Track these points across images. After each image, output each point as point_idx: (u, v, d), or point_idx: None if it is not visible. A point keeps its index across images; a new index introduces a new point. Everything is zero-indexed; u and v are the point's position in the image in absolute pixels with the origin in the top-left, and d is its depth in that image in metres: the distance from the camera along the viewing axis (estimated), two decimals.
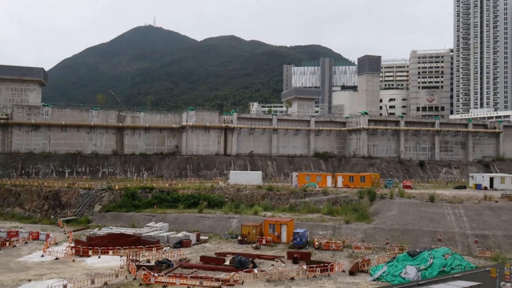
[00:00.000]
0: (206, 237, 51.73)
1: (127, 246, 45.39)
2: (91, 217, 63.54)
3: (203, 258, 41.11)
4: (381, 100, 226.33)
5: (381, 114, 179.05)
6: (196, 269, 37.71)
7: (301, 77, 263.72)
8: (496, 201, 55.45)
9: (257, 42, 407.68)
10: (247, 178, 75.85)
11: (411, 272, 33.83)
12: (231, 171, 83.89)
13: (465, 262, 35.81)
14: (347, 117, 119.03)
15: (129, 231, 52.56)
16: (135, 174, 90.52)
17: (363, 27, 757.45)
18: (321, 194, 65.42)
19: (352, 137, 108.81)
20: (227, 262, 39.65)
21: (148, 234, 50.85)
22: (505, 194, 58.81)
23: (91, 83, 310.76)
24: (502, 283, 26.22)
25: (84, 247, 44.70)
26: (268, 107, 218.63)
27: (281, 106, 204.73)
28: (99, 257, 43.28)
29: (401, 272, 34.36)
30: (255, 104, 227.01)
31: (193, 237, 49.76)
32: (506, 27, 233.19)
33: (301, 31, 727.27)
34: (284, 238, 48.68)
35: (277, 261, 40.99)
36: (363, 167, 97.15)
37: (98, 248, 44.58)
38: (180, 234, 50.32)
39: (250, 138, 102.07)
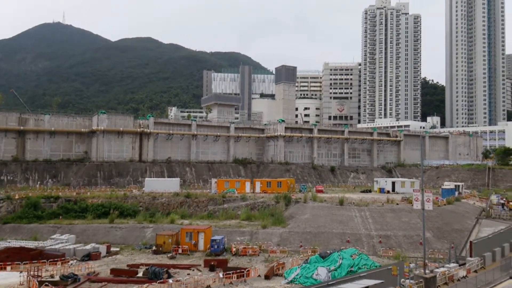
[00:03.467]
0: (118, 249, 48.96)
1: (28, 260, 41.32)
2: None
3: (113, 271, 38.80)
4: (296, 109, 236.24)
5: (296, 122, 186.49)
6: (106, 283, 35.48)
7: (221, 83, 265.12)
8: (397, 204, 60.53)
9: (176, 46, 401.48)
10: (163, 186, 73.47)
11: (322, 273, 35.33)
12: (146, 179, 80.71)
13: (370, 261, 38.38)
14: (265, 124, 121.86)
15: (31, 244, 47.91)
16: (38, 182, 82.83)
17: (283, 38, 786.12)
18: (240, 200, 65.81)
19: (270, 143, 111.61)
20: (140, 274, 37.89)
21: (52, 247, 46.78)
22: (405, 197, 64.44)
23: None
24: (402, 279, 28.54)
25: None
26: (187, 112, 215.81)
27: (201, 112, 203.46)
28: None
29: (313, 273, 35.71)
30: (174, 108, 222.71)
31: (103, 249, 46.78)
32: (407, 44, 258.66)
33: (221, 38, 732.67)
34: (201, 246, 47.93)
35: (193, 270, 40.19)
36: (280, 173, 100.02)
37: None
38: (88, 246, 47.01)
39: (167, 144, 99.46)
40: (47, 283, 32.92)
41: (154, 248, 47.82)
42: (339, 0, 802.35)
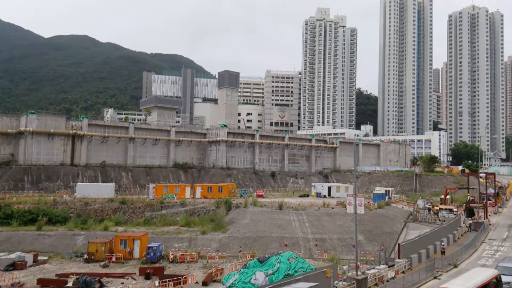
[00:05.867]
0: (46, 257, 45.92)
1: None
2: None
3: (40, 281, 36.37)
4: (239, 114, 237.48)
5: (239, 127, 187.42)
6: None
7: (162, 85, 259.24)
8: (333, 208, 62.84)
9: (114, 45, 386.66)
10: (97, 191, 70.13)
11: (260, 277, 35.56)
12: (78, 183, 76.51)
13: (307, 264, 39.30)
14: (207, 129, 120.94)
15: None
16: None
17: (228, 44, 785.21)
18: (179, 205, 64.66)
19: (212, 148, 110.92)
20: (70, 284, 35.82)
21: None
22: (340, 202, 67.14)
23: None
24: (336, 281, 29.54)
25: None
26: (125, 114, 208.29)
27: (140, 114, 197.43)
28: None
29: (251, 278, 35.82)
30: (110, 110, 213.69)
31: (29, 257, 43.63)
32: (344, 56, 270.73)
33: (163, 39, 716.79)
34: (136, 253, 46.28)
35: (127, 279, 38.68)
36: (222, 178, 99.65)
37: None
38: (13, 255, 43.54)
39: (102, 147, 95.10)
40: None
41: (85, 256, 45.48)
42: (286, 9, 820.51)
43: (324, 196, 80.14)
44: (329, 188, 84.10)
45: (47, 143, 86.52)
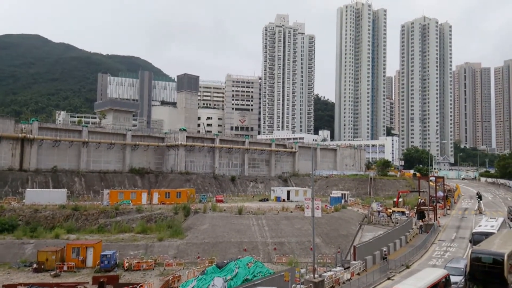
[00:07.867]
0: None
1: None
2: None
3: None
4: (199, 118, 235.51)
5: (199, 132, 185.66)
6: None
7: (118, 88, 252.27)
8: (291, 212, 63.53)
9: (68, 46, 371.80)
10: (48, 197, 66.83)
11: (218, 283, 35.17)
12: (27, 189, 72.56)
13: (265, 269, 39.37)
14: (166, 133, 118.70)
15: None
16: None
17: (188, 47, 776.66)
18: (135, 212, 62.94)
19: (171, 152, 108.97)
20: None
21: None
22: (298, 205, 67.98)
23: None
24: (293, 285, 29.83)
25: None
26: (78, 117, 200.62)
27: (94, 117, 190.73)
28: None
29: (209, 284, 35.34)
30: (63, 113, 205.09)
31: None
32: (303, 62, 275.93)
33: (119, 40, 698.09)
34: (90, 262, 44.53)
35: None
36: (180, 183, 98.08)
37: None
38: None
39: (54, 152, 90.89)
40: None
41: (35, 265, 43.33)
42: (249, 13, 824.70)
43: (283, 200, 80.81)
44: (288, 192, 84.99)
45: None
